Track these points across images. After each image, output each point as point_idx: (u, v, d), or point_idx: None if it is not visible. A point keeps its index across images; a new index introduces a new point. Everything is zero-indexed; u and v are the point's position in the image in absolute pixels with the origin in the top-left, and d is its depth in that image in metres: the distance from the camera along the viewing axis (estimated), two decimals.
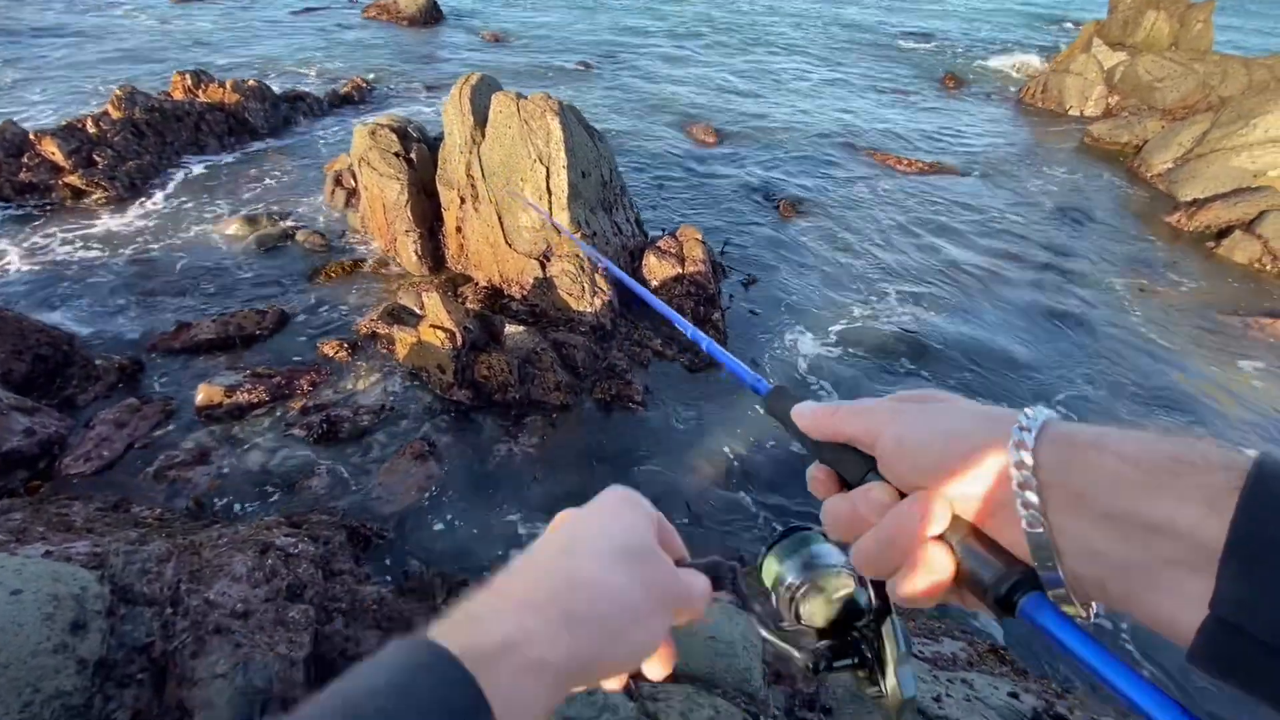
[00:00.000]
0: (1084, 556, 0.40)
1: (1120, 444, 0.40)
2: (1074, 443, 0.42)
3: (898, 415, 0.51)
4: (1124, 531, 0.38)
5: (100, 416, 5.34)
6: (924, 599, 0.47)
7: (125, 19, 19.14)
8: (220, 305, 7.02)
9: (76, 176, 8.85)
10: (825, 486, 0.56)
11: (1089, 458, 0.41)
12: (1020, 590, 0.42)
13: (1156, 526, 0.37)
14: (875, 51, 21.69)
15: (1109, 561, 0.39)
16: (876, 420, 0.52)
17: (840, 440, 0.55)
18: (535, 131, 6.74)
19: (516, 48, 19.24)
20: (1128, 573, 0.38)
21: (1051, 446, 0.42)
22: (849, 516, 0.51)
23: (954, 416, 0.49)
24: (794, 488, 5.39)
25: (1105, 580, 0.40)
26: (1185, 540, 0.36)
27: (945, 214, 10.60)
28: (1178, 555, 0.36)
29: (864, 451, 0.52)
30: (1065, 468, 0.41)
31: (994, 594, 0.43)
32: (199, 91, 11.64)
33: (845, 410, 0.55)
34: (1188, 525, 0.36)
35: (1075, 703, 2.52)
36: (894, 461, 0.50)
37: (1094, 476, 0.40)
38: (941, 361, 7.11)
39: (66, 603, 2.51)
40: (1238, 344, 7.79)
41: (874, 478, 0.51)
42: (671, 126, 13.59)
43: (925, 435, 0.48)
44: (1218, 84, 14.78)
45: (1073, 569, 0.41)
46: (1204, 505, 0.35)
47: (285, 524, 4.04)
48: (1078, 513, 0.40)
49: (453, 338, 5.91)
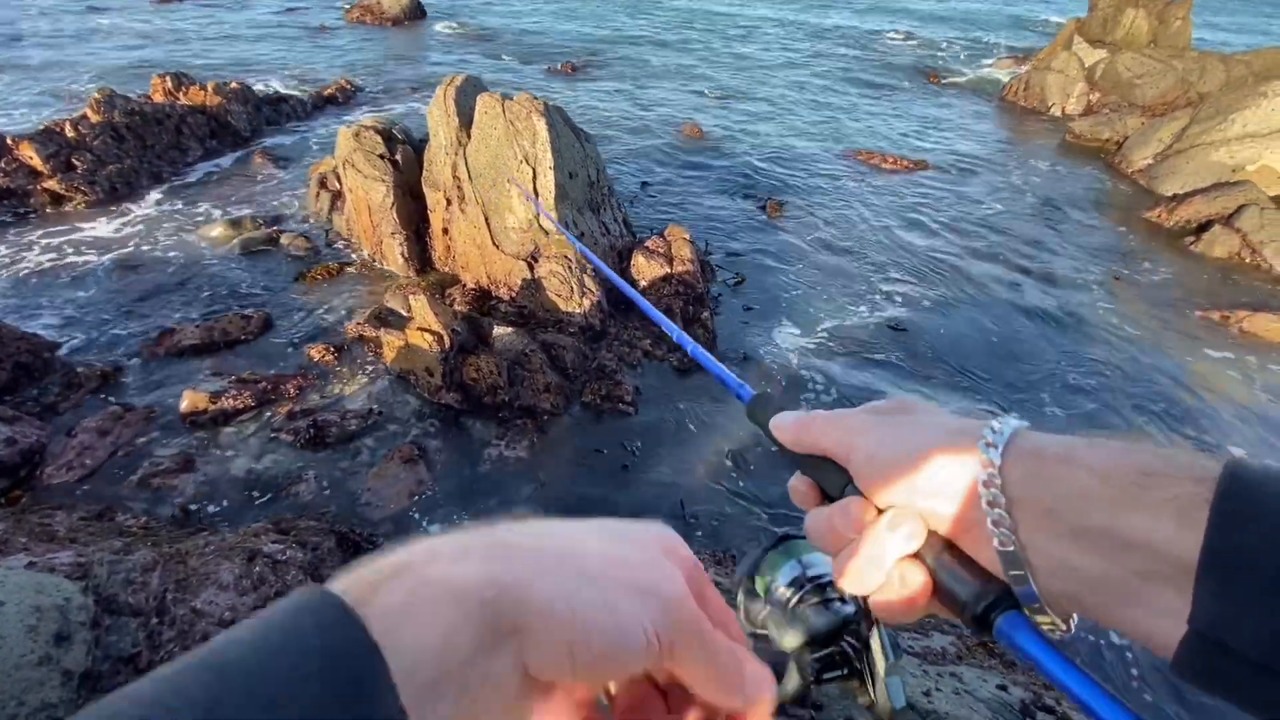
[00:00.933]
0: (1057, 572, 0.40)
1: (1088, 457, 0.40)
2: (1041, 457, 0.42)
3: (869, 430, 0.51)
4: (1097, 547, 0.38)
5: (82, 424, 5.27)
6: (901, 616, 0.47)
7: (105, 20, 18.89)
8: (204, 310, 6.95)
9: (55, 181, 8.72)
10: (807, 498, 0.55)
11: (1057, 472, 0.40)
12: (997, 609, 0.42)
13: (1129, 542, 0.37)
14: (859, 51, 21.82)
15: (1083, 577, 0.39)
16: (849, 434, 0.51)
17: (817, 453, 0.54)
18: (521, 132, 6.72)
19: (501, 47, 19.17)
20: (1103, 587, 0.38)
21: (1019, 462, 0.42)
22: (827, 531, 0.51)
23: (924, 431, 0.48)
24: (786, 486, 5.41)
25: (1080, 595, 0.40)
26: (1159, 554, 0.36)
27: (929, 212, 10.68)
28: (1152, 569, 0.36)
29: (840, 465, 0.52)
30: (1034, 483, 0.41)
31: (970, 612, 0.43)
32: (180, 94, 11.51)
33: (820, 422, 0.54)
34: (1161, 540, 0.36)
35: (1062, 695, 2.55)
36: (866, 477, 0.49)
37: (1063, 491, 0.40)
38: (927, 358, 7.17)
39: (50, 614, 2.47)
40: (1216, 337, 7.91)
41: (852, 491, 0.50)
42: (658, 126, 13.60)
43: (896, 450, 0.48)
44: (1196, 80, 15.00)
45: (1047, 585, 0.41)
46: (1176, 519, 0.35)
47: (273, 530, 4.01)
48: (1049, 528, 0.40)
49: (441, 340, 5.88)
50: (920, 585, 0.45)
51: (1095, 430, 6.29)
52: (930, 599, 0.46)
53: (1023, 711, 2.17)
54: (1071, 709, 2.45)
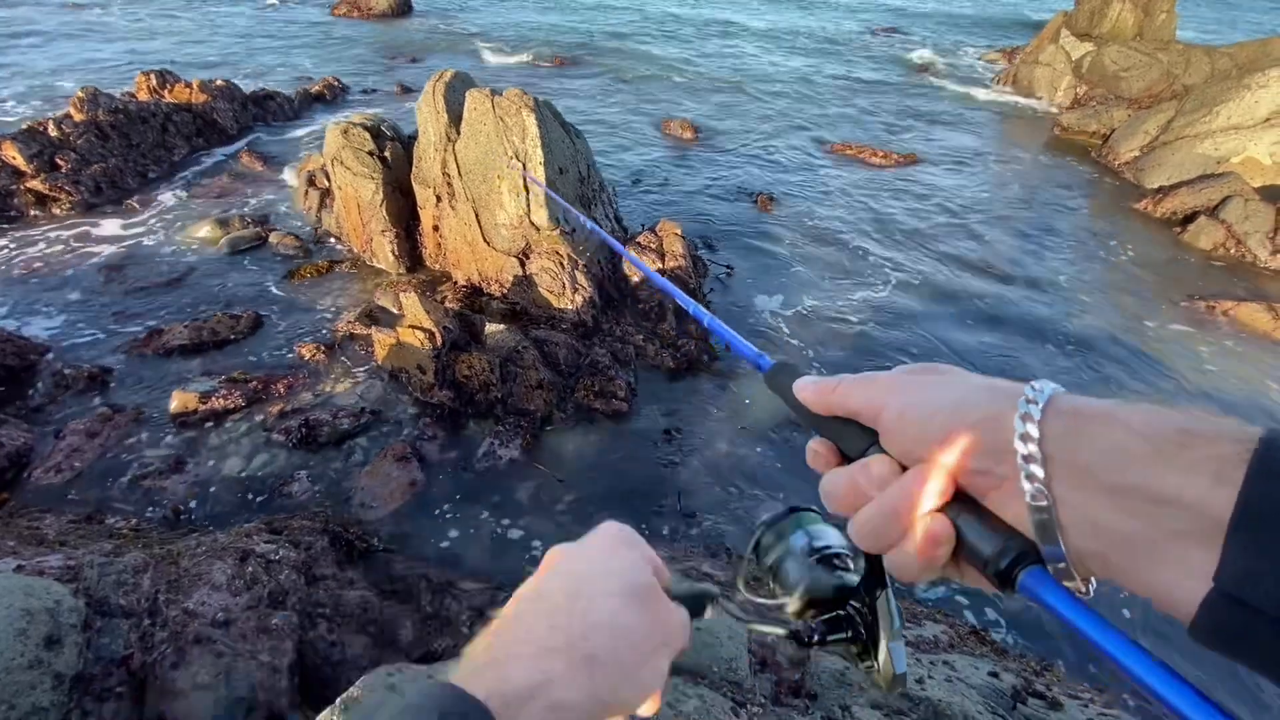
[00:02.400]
0: (1087, 530, 0.40)
1: (1128, 416, 0.39)
2: (1081, 415, 0.41)
3: (901, 387, 0.51)
4: (1130, 504, 0.38)
5: (70, 426, 5.21)
6: (922, 572, 0.47)
7: (88, 18, 18.63)
8: (193, 310, 6.88)
9: (39, 181, 8.61)
10: (825, 460, 0.55)
11: (1096, 430, 0.40)
12: (1020, 564, 0.42)
13: (1163, 499, 0.36)
14: (848, 47, 21.85)
15: (1113, 535, 0.39)
16: (880, 392, 0.51)
17: (842, 414, 0.54)
18: (511, 128, 6.69)
19: (489, 43, 19.06)
20: (1131, 546, 0.38)
21: (1058, 419, 0.42)
22: (848, 489, 0.51)
23: (959, 388, 0.48)
24: (782, 479, 5.44)
25: (1108, 554, 0.39)
26: (1192, 512, 0.35)
27: (918, 205, 10.73)
28: (1183, 527, 0.35)
29: (866, 425, 0.52)
30: (1072, 440, 0.41)
31: (994, 567, 0.43)
32: (165, 92, 11.38)
33: (848, 383, 0.54)
34: (1195, 497, 0.35)
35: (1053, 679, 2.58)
36: (896, 434, 0.49)
37: (1101, 449, 0.39)
38: (917, 348, 7.21)
39: (40, 617, 2.45)
40: (1203, 327, 7.99)
41: (876, 450, 0.50)
42: (648, 122, 13.58)
43: (929, 407, 0.47)
44: (1181, 73, 15.12)
45: (1075, 543, 0.40)
46: (1212, 477, 0.35)
47: (265, 530, 3.99)
48: (1083, 486, 0.40)
49: (432, 338, 5.86)
50: (944, 540, 0.45)
51: None
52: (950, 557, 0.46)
53: (1014, 697, 2.19)
54: (1064, 694, 2.48)
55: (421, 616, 3.74)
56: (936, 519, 0.45)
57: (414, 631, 3.59)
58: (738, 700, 2.03)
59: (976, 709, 2.06)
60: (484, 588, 4.18)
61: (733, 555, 4.42)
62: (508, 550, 4.68)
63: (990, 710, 2.10)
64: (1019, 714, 2.16)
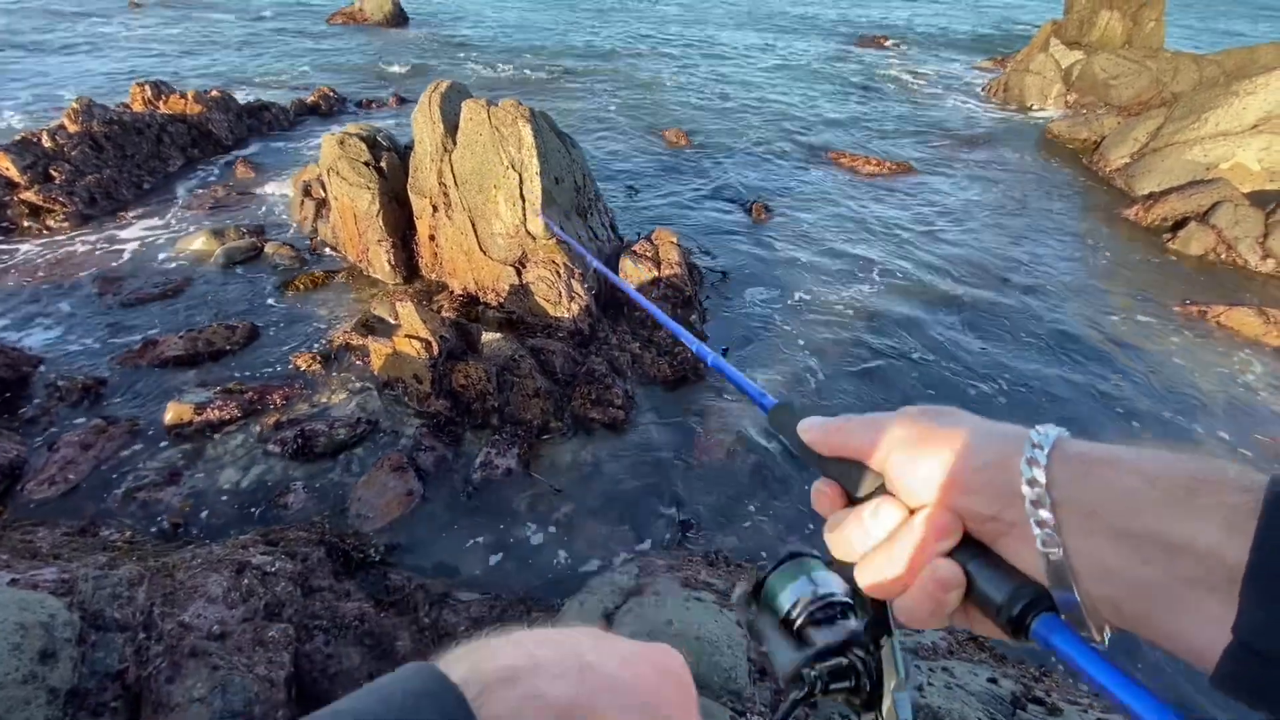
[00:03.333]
0: (1099, 576, 0.39)
1: (1136, 461, 0.39)
2: (1087, 460, 0.41)
3: (908, 430, 0.50)
4: (1141, 551, 0.37)
5: (64, 438, 5.19)
6: (930, 618, 0.46)
7: (78, 27, 18.66)
8: (188, 321, 6.87)
9: (33, 193, 8.59)
10: (831, 502, 0.54)
11: (1104, 475, 0.40)
12: (1033, 611, 0.41)
13: (1175, 546, 0.36)
14: (840, 56, 22.04)
15: (1125, 581, 0.38)
16: (885, 435, 0.51)
17: (847, 455, 0.53)
18: (507, 138, 6.72)
19: (484, 54, 19.16)
20: (1145, 593, 0.37)
21: (1065, 464, 0.41)
22: (855, 533, 0.50)
23: (964, 432, 0.48)
24: (780, 489, 5.44)
25: (1121, 601, 0.39)
26: (1205, 560, 0.35)
27: (911, 213, 10.80)
28: (1197, 575, 0.35)
29: (872, 467, 0.51)
30: (1080, 485, 0.40)
31: (1006, 614, 0.42)
32: (159, 103, 11.39)
33: (854, 424, 0.54)
34: (1207, 546, 0.35)
35: (1052, 685, 2.59)
36: (903, 477, 0.48)
37: (1109, 494, 0.39)
38: (910, 359, 7.24)
39: (34, 631, 2.43)
40: (1195, 333, 8.05)
41: (882, 494, 0.50)
42: (643, 131, 13.65)
43: (935, 451, 0.47)
44: (1170, 80, 15.30)
45: (1088, 589, 0.40)
46: (1224, 526, 0.35)
47: (261, 542, 3.97)
48: (1093, 531, 0.39)
49: (429, 347, 5.86)
50: (954, 585, 0.44)
51: (1075, 429, 6.38)
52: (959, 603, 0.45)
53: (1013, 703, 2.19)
54: (1063, 701, 2.48)
55: (419, 628, 3.72)
56: (946, 564, 0.45)
57: (411, 643, 3.57)
58: (737, 709, 2.03)
59: (976, 715, 2.07)
60: (482, 598, 4.16)
61: (730, 564, 4.41)
62: (505, 561, 4.67)
63: (990, 716, 2.10)
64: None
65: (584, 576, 4.22)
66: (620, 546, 4.82)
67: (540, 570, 4.60)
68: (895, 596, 0.48)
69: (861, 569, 0.50)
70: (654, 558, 4.31)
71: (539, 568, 4.62)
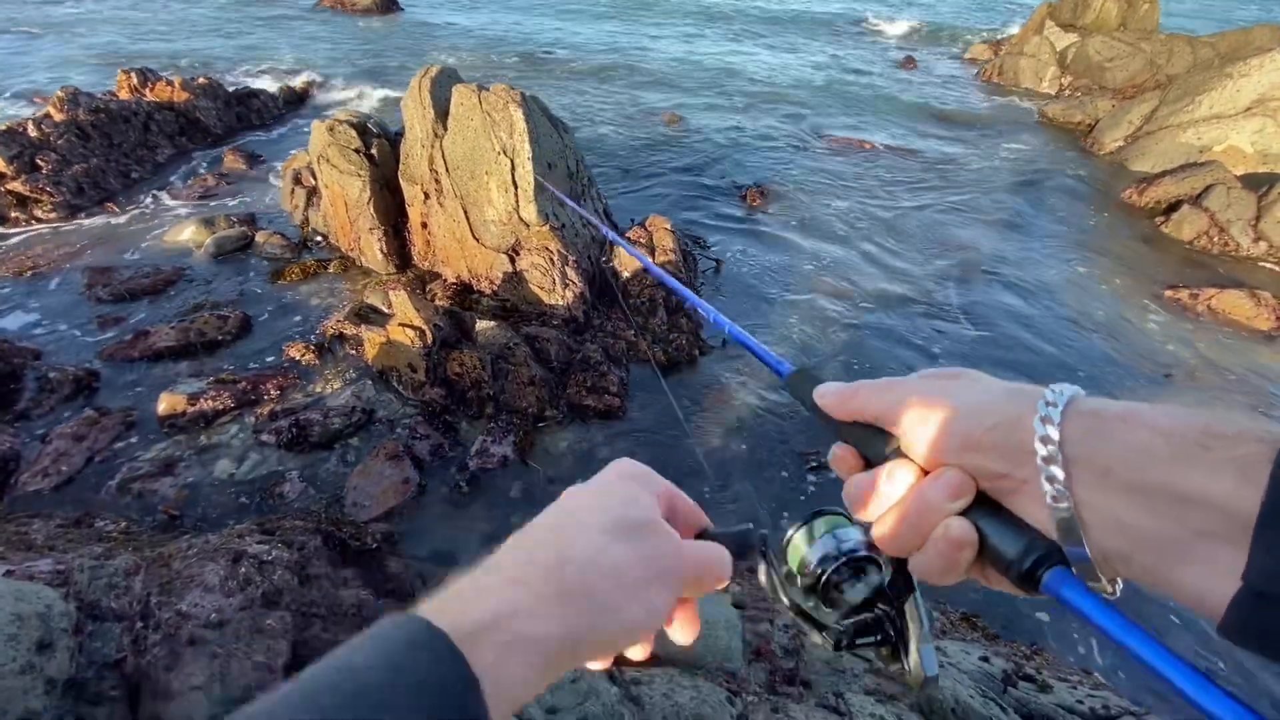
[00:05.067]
0: (1111, 530, 0.40)
1: (1150, 417, 0.40)
2: (1101, 416, 0.42)
3: (920, 392, 0.51)
4: (1153, 504, 0.38)
5: (57, 430, 5.16)
6: (946, 575, 0.47)
7: (62, 14, 18.33)
8: (179, 311, 6.82)
9: (20, 183, 8.48)
10: (848, 465, 0.56)
11: (1117, 431, 0.40)
12: (1044, 565, 0.42)
13: (1188, 498, 0.36)
14: (835, 39, 21.86)
15: (1137, 535, 0.39)
16: (899, 397, 0.52)
17: (863, 419, 0.54)
18: (498, 123, 6.66)
19: (475, 39, 18.93)
20: (1157, 546, 0.38)
21: (1079, 420, 0.42)
22: (871, 494, 0.51)
23: (977, 392, 0.49)
24: (774, 471, 5.47)
25: (1132, 554, 0.39)
26: (1218, 511, 0.35)
27: (906, 196, 10.78)
28: (1209, 526, 0.36)
29: (887, 430, 0.52)
30: (1092, 441, 0.41)
31: (1017, 570, 0.43)
32: (146, 90, 11.23)
33: (868, 389, 0.55)
34: (1220, 496, 0.35)
35: (1043, 663, 2.62)
36: (917, 438, 0.49)
37: (1122, 449, 0.40)
38: (902, 340, 7.25)
39: (31, 622, 2.43)
40: (1185, 316, 8.09)
41: (897, 455, 0.51)
42: (636, 116, 13.55)
43: (948, 412, 0.48)
44: (1165, 63, 15.25)
45: (1099, 543, 0.40)
46: (1237, 476, 0.35)
47: (257, 531, 3.96)
48: (1105, 487, 0.40)
49: (423, 336, 5.84)
50: (967, 543, 0.45)
51: None
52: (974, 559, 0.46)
53: (1005, 681, 2.22)
54: (1053, 678, 2.51)
55: None
56: (958, 522, 0.46)
57: None
58: (732, 689, 2.05)
59: (969, 693, 2.09)
60: None
61: None
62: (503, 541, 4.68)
63: (982, 694, 2.13)
64: (1010, 697, 2.20)
65: None
66: None
67: None
68: (911, 554, 0.49)
69: (878, 529, 0.51)
70: None
71: None
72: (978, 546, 0.45)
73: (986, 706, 2.06)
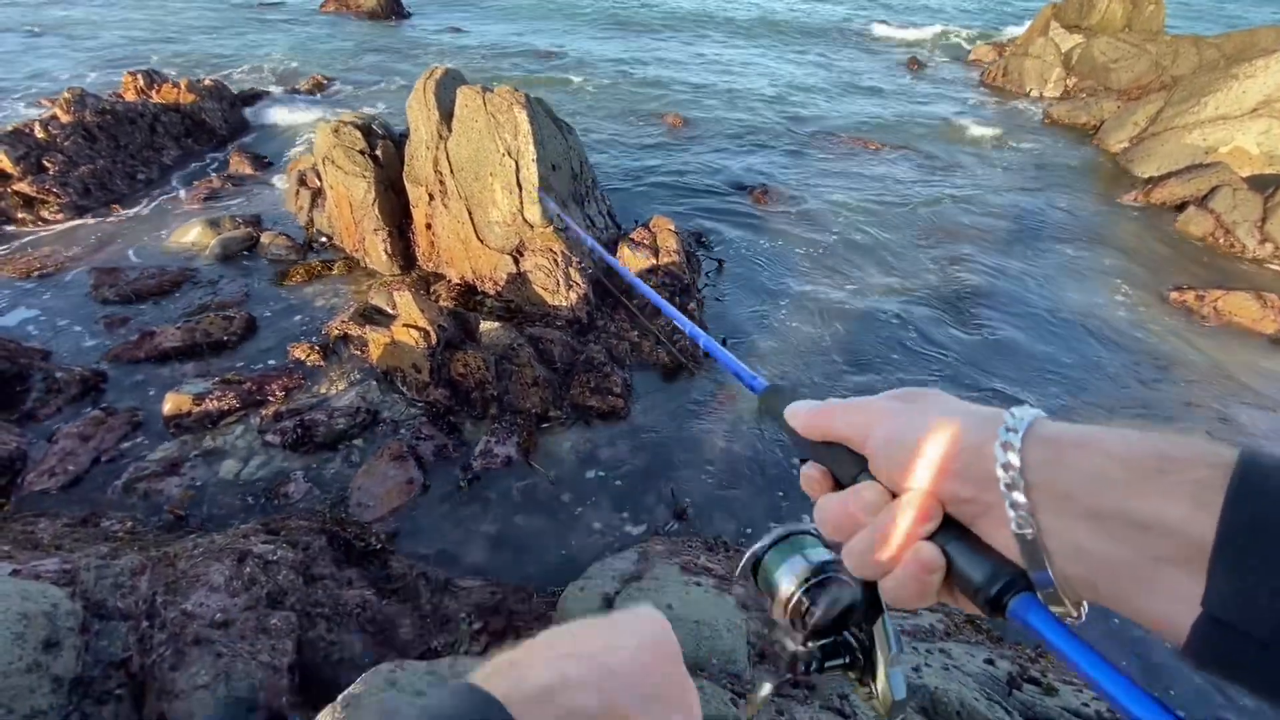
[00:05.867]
0: (1073, 556, 0.40)
1: (1105, 442, 0.40)
2: (1059, 443, 0.42)
3: (887, 415, 0.51)
4: (1112, 530, 0.38)
5: (64, 430, 5.19)
6: (914, 600, 0.47)
7: (66, 13, 18.43)
8: (185, 312, 6.85)
9: (26, 184, 8.52)
10: (819, 485, 0.56)
11: (1075, 457, 0.41)
12: (1010, 591, 0.42)
13: (1144, 524, 0.37)
14: (839, 40, 21.85)
15: (1098, 560, 0.39)
16: (867, 420, 0.52)
17: (833, 439, 0.54)
18: (503, 125, 6.67)
19: (479, 41, 18.98)
20: (1117, 571, 0.38)
21: (1038, 446, 0.42)
22: (841, 516, 0.51)
23: (942, 417, 0.49)
24: (777, 475, 5.46)
25: (1095, 579, 0.40)
26: (1174, 537, 0.36)
27: (910, 196, 10.76)
28: (1167, 552, 0.36)
29: (856, 451, 0.52)
30: (1051, 467, 0.41)
31: (984, 595, 0.43)
32: (152, 92, 11.28)
33: (837, 409, 0.55)
34: (1176, 522, 0.36)
35: (1048, 666, 2.62)
36: (884, 462, 0.49)
37: (1080, 475, 0.40)
38: (909, 342, 7.24)
39: (37, 621, 2.45)
40: (1192, 318, 8.05)
41: (866, 477, 0.51)
42: (641, 117, 13.56)
43: (914, 435, 0.48)
44: (1170, 64, 15.19)
45: (1062, 569, 0.41)
46: (1191, 502, 0.35)
47: (262, 531, 3.98)
48: (1066, 512, 0.40)
49: (427, 336, 5.85)
50: (935, 568, 0.45)
51: (1067, 414, 6.40)
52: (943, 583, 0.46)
53: (1010, 683, 2.22)
54: (1058, 681, 2.50)
55: (421, 615, 3.75)
56: (926, 547, 0.46)
57: (413, 629, 3.60)
58: (736, 691, 2.05)
59: (973, 696, 2.09)
60: (483, 585, 4.19)
61: (729, 549, 4.44)
62: (506, 548, 4.69)
63: (986, 697, 2.13)
64: (1015, 700, 2.19)
65: (584, 562, 4.24)
66: (620, 532, 4.85)
67: (540, 557, 4.62)
68: (881, 578, 0.49)
69: (848, 552, 0.51)
70: (653, 543, 4.34)
71: (539, 554, 4.64)
72: (945, 570, 0.46)
73: (991, 709, 2.05)
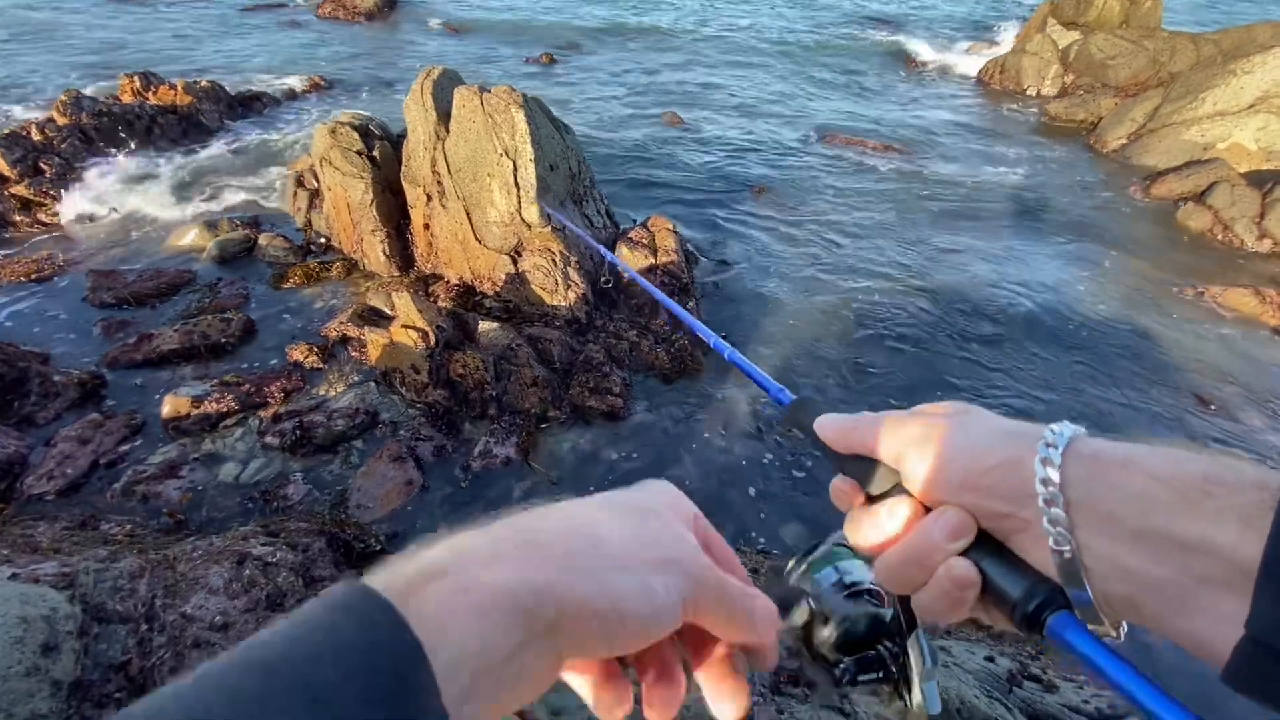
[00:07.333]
0: (1113, 575, 0.40)
1: (1150, 462, 0.40)
2: (1101, 460, 0.41)
3: (921, 429, 0.50)
4: (1156, 550, 0.38)
5: (62, 434, 5.18)
6: (948, 615, 0.47)
7: (63, 19, 18.40)
8: (182, 314, 6.84)
9: (23, 186, 8.52)
10: (849, 499, 0.55)
11: (1117, 476, 0.40)
12: (1048, 608, 0.42)
13: (1190, 545, 0.36)
14: (837, 39, 21.84)
15: (1140, 580, 0.39)
16: (901, 434, 0.51)
17: (864, 453, 0.53)
18: (500, 125, 6.67)
19: (476, 40, 18.96)
20: (1160, 592, 0.38)
21: (1078, 463, 0.42)
22: (872, 531, 0.51)
23: (980, 431, 0.48)
24: (778, 476, 5.46)
25: (1136, 599, 0.39)
26: (1220, 559, 0.35)
27: (912, 194, 10.76)
28: (1212, 574, 0.36)
29: (888, 465, 0.51)
30: (1093, 485, 0.41)
31: (1021, 612, 0.43)
32: (149, 94, 11.27)
33: (869, 422, 0.54)
34: (1223, 544, 0.35)
35: (1049, 663, 2.62)
36: (918, 476, 0.49)
37: (1123, 495, 0.40)
38: (910, 342, 7.24)
39: (36, 624, 2.44)
40: (1192, 314, 8.06)
41: (898, 491, 0.50)
42: (638, 116, 13.55)
43: (950, 450, 0.47)
44: (1167, 60, 15.19)
45: (1101, 588, 0.40)
46: (1240, 524, 0.35)
47: (262, 533, 3.98)
48: (1107, 531, 0.40)
49: (426, 337, 5.85)
50: (969, 583, 0.45)
51: (1074, 414, 6.40)
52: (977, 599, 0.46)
53: (1010, 681, 2.22)
54: (1059, 677, 2.50)
55: None
56: (960, 563, 0.45)
57: None
58: None
59: (974, 693, 2.09)
60: None
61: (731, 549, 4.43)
62: None
63: (987, 694, 2.13)
64: (1016, 697, 2.19)
65: None
66: None
67: None
68: (913, 593, 0.48)
69: (880, 566, 0.50)
70: None
71: None
72: (980, 586, 0.45)
73: (991, 706, 2.05)
